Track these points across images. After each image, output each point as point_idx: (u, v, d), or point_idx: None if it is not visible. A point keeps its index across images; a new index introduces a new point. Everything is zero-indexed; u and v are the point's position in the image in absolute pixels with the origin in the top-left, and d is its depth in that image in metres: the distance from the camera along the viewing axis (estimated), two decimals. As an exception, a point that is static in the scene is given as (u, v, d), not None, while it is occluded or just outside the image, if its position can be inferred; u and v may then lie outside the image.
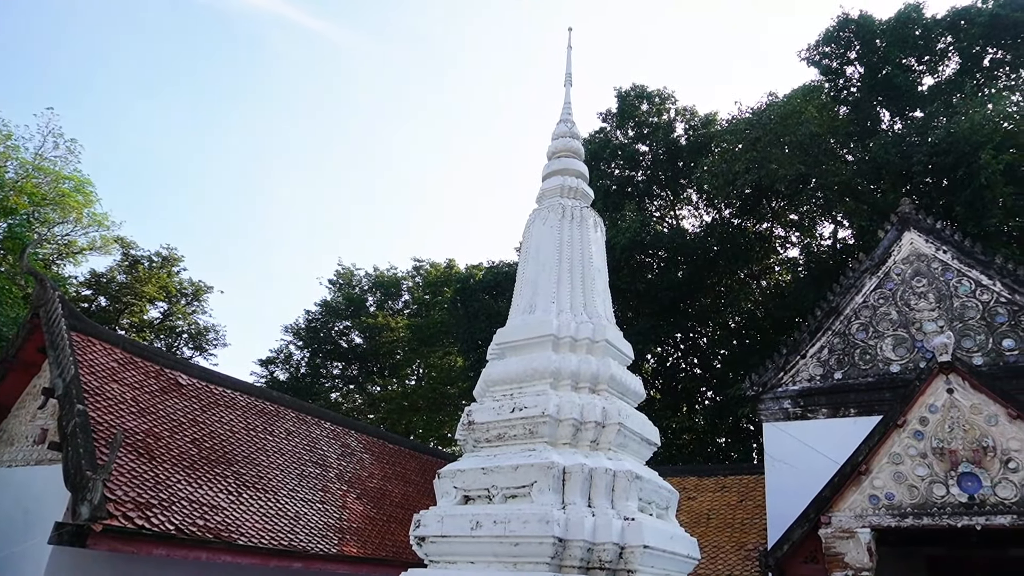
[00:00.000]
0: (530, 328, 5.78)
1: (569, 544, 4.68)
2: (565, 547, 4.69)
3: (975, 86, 23.46)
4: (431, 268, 38.25)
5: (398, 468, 16.77)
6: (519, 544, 4.69)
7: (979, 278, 13.39)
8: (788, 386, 14.41)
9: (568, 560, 4.71)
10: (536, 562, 4.67)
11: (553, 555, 4.62)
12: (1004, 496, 9.60)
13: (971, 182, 19.25)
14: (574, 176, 6.66)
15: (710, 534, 15.46)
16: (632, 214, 26.33)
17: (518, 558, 4.73)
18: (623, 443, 5.44)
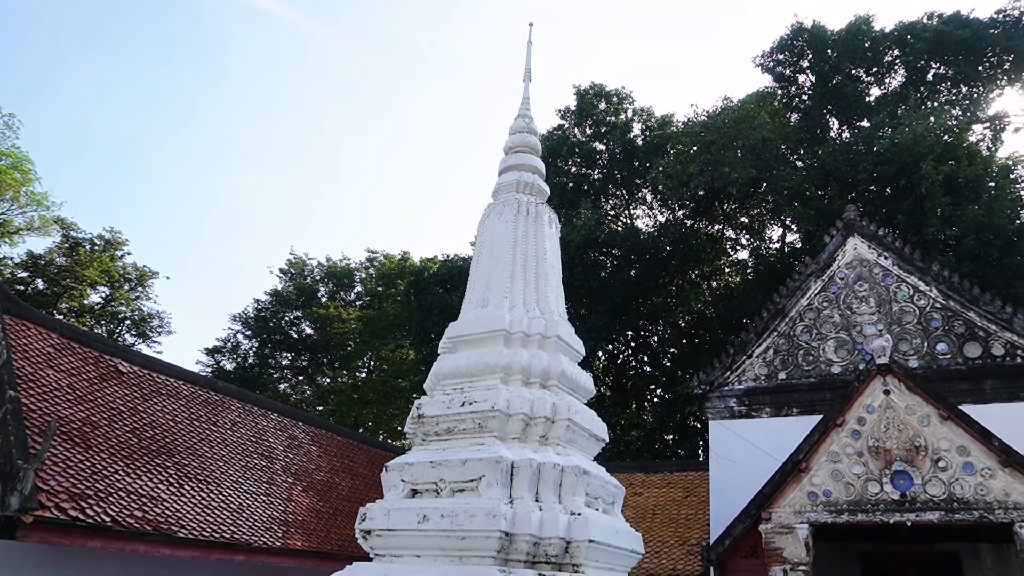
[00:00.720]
0: (482, 323, 5.77)
1: (515, 538, 4.70)
2: (512, 541, 4.70)
3: (919, 99, 24.30)
4: (385, 260, 37.88)
5: (346, 461, 16.59)
6: (465, 538, 4.69)
7: (917, 284, 13.90)
8: (734, 385, 14.74)
9: (514, 554, 4.73)
10: (482, 556, 4.67)
11: (499, 549, 4.63)
12: (933, 494, 10.00)
13: (912, 191, 19.96)
14: (530, 172, 6.67)
15: (655, 529, 15.72)
16: (588, 212, 26.52)
17: (464, 552, 4.73)
18: (572, 439, 5.48)
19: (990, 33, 23.88)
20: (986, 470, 9.85)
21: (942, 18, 24.76)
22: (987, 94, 24.88)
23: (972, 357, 13.15)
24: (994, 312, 13.21)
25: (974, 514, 9.74)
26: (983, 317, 13.26)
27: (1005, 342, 13.01)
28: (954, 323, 13.47)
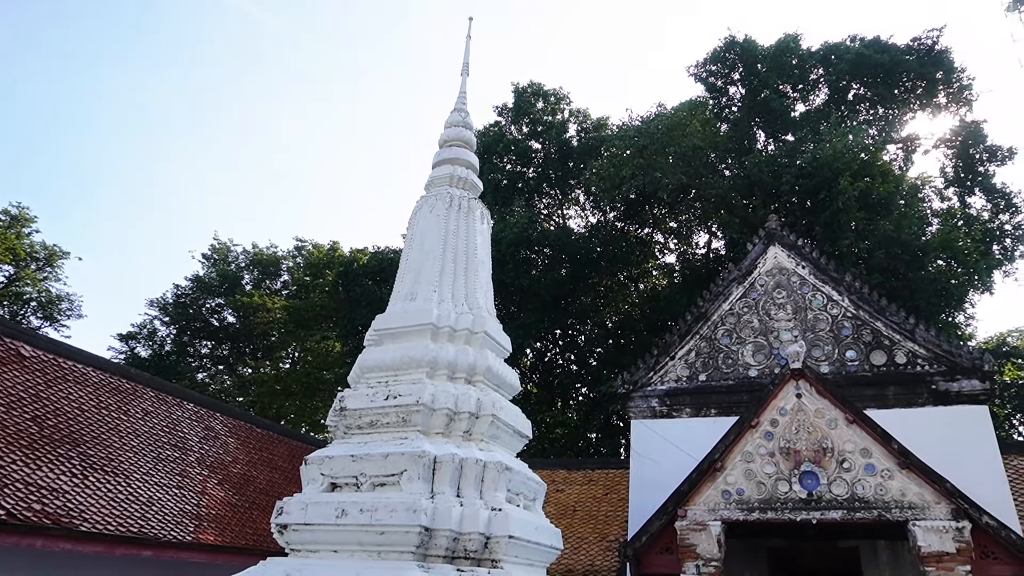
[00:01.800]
0: (410, 316, 5.71)
1: (435, 534, 4.68)
2: (431, 536, 4.68)
3: (840, 117, 25.45)
4: (314, 249, 37.08)
5: (265, 454, 16.17)
6: (385, 533, 4.64)
7: (831, 293, 14.56)
8: (657, 386, 15.09)
9: (434, 550, 4.71)
10: (401, 551, 4.64)
11: (419, 544, 4.61)
12: (837, 493, 10.51)
13: (830, 205, 20.89)
14: (464, 166, 6.63)
15: (575, 525, 15.96)
16: (521, 210, 26.67)
17: (383, 547, 4.68)
18: (496, 434, 5.49)
19: (906, 59, 25.23)
20: (886, 471, 10.42)
21: (864, 41, 26.03)
22: (901, 116, 26.28)
23: (878, 364, 13.88)
24: (899, 323, 13.97)
25: (873, 513, 10.29)
26: (889, 327, 14.00)
27: (908, 351, 13.78)
28: (863, 332, 14.18)
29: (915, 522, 10.06)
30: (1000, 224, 24.22)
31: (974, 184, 24.73)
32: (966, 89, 25.59)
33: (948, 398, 13.28)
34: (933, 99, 25.84)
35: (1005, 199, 24.14)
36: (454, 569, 4.66)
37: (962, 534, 9.84)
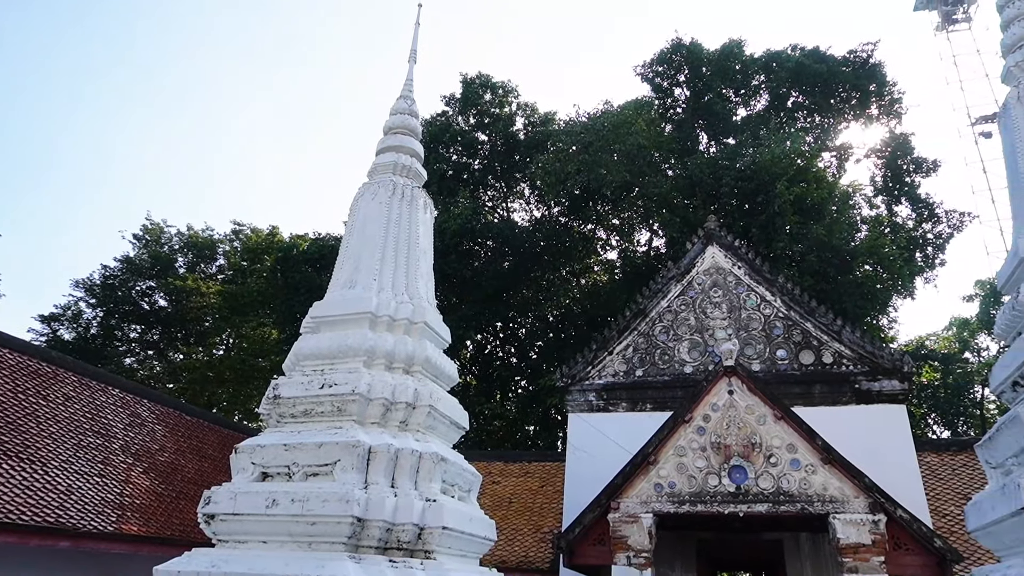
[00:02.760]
0: (348, 304, 5.63)
1: (368, 524, 4.64)
2: (364, 527, 4.64)
3: (779, 123, 26.21)
4: (252, 234, 36.11)
5: (194, 442, 15.72)
6: (316, 523, 4.58)
7: (764, 294, 15.00)
8: (594, 380, 15.29)
9: (366, 540, 4.67)
10: (332, 542, 4.58)
11: (351, 535, 4.56)
12: (764, 487, 10.86)
13: (767, 208, 21.51)
14: (408, 155, 6.56)
15: (511, 517, 16.05)
16: (465, 201, 26.59)
17: (314, 538, 4.61)
18: (432, 425, 5.47)
19: (842, 70, 26.15)
20: (809, 466, 10.81)
21: (804, 51, 26.83)
22: (836, 125, 27.24)
23: (806, 363, 14.39)
24: (827, 324, 14.51)
25: (797, 506, 10.67)
26: (818, 328, 14.52)
27: (834, 351, 14.32)
28: (793, 332, 14.67)
29: (835, 515, 10.48)
30: (923, 233, 25.40)
31: (901, 193, 25.85)
32: (896, 102, 26.71)
33: (870, 397, 13.88)
34: (866, 110, 26.89)
35: (929, 209, 25.31)
36: (386, 560, 4.63)
37: (878, 527, 10.30)
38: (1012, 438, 4.24)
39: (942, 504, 13.91)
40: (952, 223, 25.07)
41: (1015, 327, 4.68)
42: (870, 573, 10.13)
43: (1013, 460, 4.32)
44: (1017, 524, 3.88)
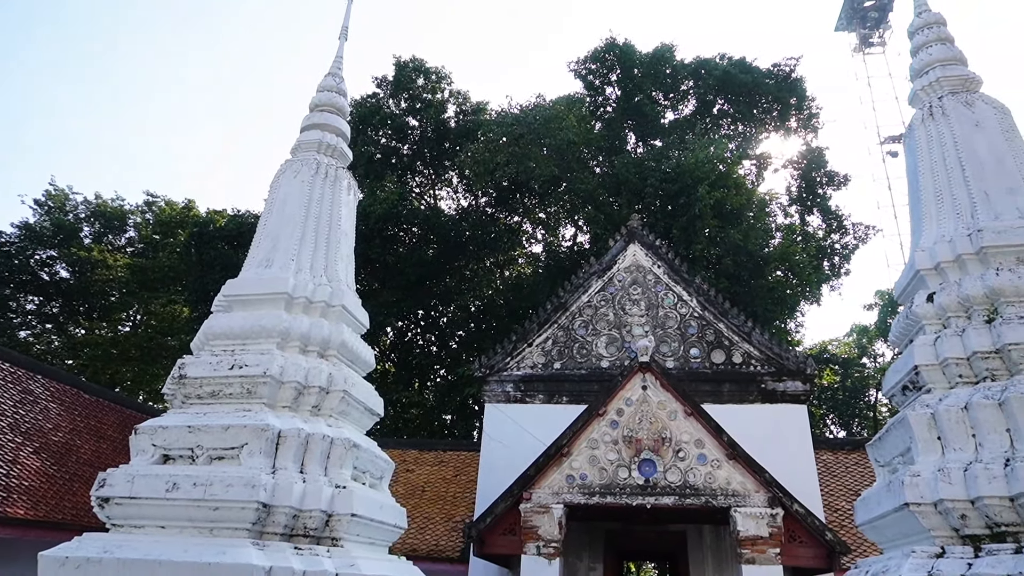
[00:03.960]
0: (264, 283, 5.46)
1: (274, 510, 4.53)
2: (270, 513, 4.53)
3: (704, 128, 26.97)
4: (166, 206, 34.51)
5: (92, 421, 14.94)
6: (219, 509, 4.43)
7: (681, 294, 15.43)
8: (513, 371, 15.39)
9: (271, 527, 4.56)
10: (235, 528, 4.45)
11: (255, 521, 4.44)
12: (671, 480, 11.20)
13: (688, 210, 22.11)
14: (334, 134, 6.40)
15: (423, 506, 16.00)
16: (392, 186, 26.22)
17: (216, 523, 4.46)
18: (345, 411, 5.38)
19: (766, 82, 27.12)
20: (715, 461, 11.22)
21: (731, 60, 27.68)
22: (757, 135, 28.26)
23: (717, 363, 14.91)
24: (739, 325, 15.07)
25: (702, 499, 11.06)
26: (730, 329, 15.06)
27: (744, 352, 14.89)
28: (706, 331, 15.17)
29: (736, 508, 10.92)
30: (832, 243, 26.71)
31: (813, 204, 27.08)
32: (814, 117, 27.94)
33: (774, 396, 14.52)
34: (786, 122, 28.01)
35: (838, 221, 26.63)
36: (291, 547, 4.53)
37: (775, 520, 10.80)
38: (899, 439, 4.51)
39: (835, 499, 14.71)
40: (858, 235, 26.49)
41: (908, 335, 4.97)
42: (766, 564, 10.61)
43: (899, 459, 4.59)
44: (899, 519, 4.13)
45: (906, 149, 5.72)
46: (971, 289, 4.44)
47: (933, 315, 4.64)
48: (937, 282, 4.75)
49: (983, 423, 3.92)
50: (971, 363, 4.27)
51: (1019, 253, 4.45)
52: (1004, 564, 3.38)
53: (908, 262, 5.11)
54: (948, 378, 4.38)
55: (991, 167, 4.90)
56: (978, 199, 4.81)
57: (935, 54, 5.54)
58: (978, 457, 3.86)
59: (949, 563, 3.63)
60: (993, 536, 3.69)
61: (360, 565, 4.57)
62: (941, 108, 5.28)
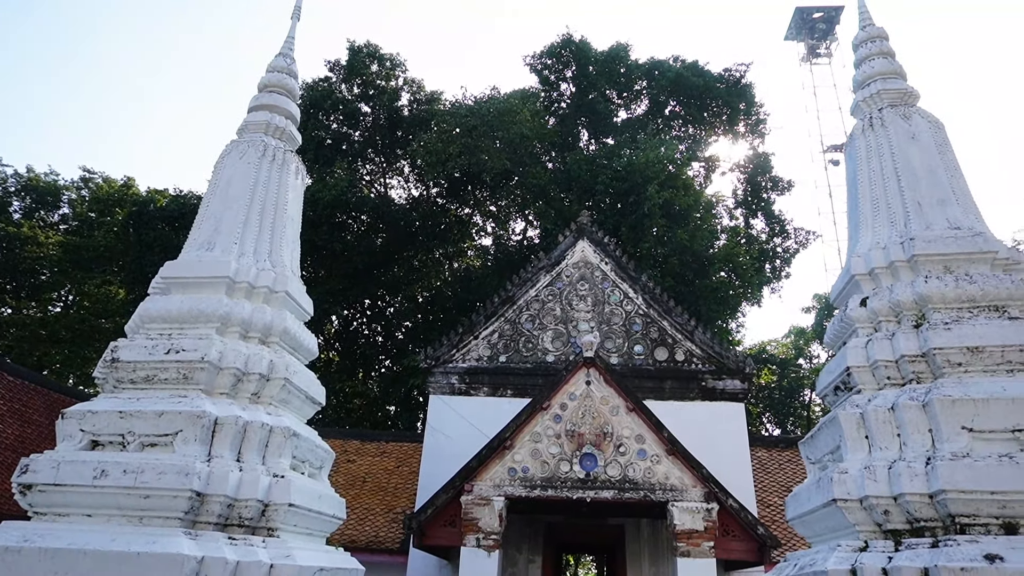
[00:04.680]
0: (205, 266, 5.31)
1: (208, 499, 4.42)
2: (204, 502, 4.43)
3: (656, 128, 27.34)
4: (103, 183, 33.21)
5: (17, 405, 14.32)
6: (150, 497, 4.31)
7: (627, 291, 15.64)
8: (458, 363, 15.36)
9: (205, 516, 4.46)
10: (167, 516, 4.33)
11: (188, 510, 4.33)
12: (612, 475, 11.37)
13: (637, 209, 22.41)
14: (283, 116, 6.26)
15: (363, 496, 15.86)
16: (342, 172, 25.79)
17: (147, 512, 4.34)
18: (286, 399, 5.28)
19: (717, 86, 27.65)
20: (655, 456, 11.43)
21: (684, 63, 28.10)
22: (707, 137, 28.80)
23: (660, 360, 15.17)
24: (682, 324, 15.36)
25: (640, 493, 11.25)
26: (673, 327, 15.34)
27: (686, 350, 15.19)
28: (651, 329, 15.42)
29: (674, 503, 11.15)
30: (774, 246, 27.44)
31: (758, 208, 27.76)
32: (761, 123, 28.63)
33: (714, 394, 14.87)
34: (734, 127, 28.62)
35: (780, 225, 27.38)
36: (226, 537, 4.44)
37: (710, 514, 11.07)
38: (830, 437, 4.67)
39: (768, 495, 15.17)
40: (799, 240, 27.28)
41: (841, 337, 5.15)
42: (700, 557, 10.87)
43: (829, 457, 4.76)
44: (827, 514, 4.28)
45: (846, 157, 5.91)
46: (902, 295, 4.61)
47: (866, 319, 4.81)
48: (871, 287, 4.92)
49: (907, 423, 4.08)
50: (899, 366, 4.44)
51: (947, 262, 4.65)
52: (921, 557, 3.54)
53: (844, 267, 5.29)
54: (877, 380, 4.55)
55: (924, 179, 5.10)
56: (911, 209, 5.00)
57: (877, 67, 5.73)
58: (902, 456, 4.02)
59: (871, 556, 3.78)
60: (912, 531, 3.85)
61: (296, 556, 4.50)
62: (880, 120, 5.47)
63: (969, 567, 3.31)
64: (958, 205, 4.97)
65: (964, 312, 4.45)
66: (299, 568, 4.41)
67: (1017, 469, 3.62)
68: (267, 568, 4.32)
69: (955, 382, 4.16)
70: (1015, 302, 4.44)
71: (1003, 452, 3.77)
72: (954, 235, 4.72)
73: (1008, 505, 3.59)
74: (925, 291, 4.51)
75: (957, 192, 5.06)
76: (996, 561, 3.31)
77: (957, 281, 4.52)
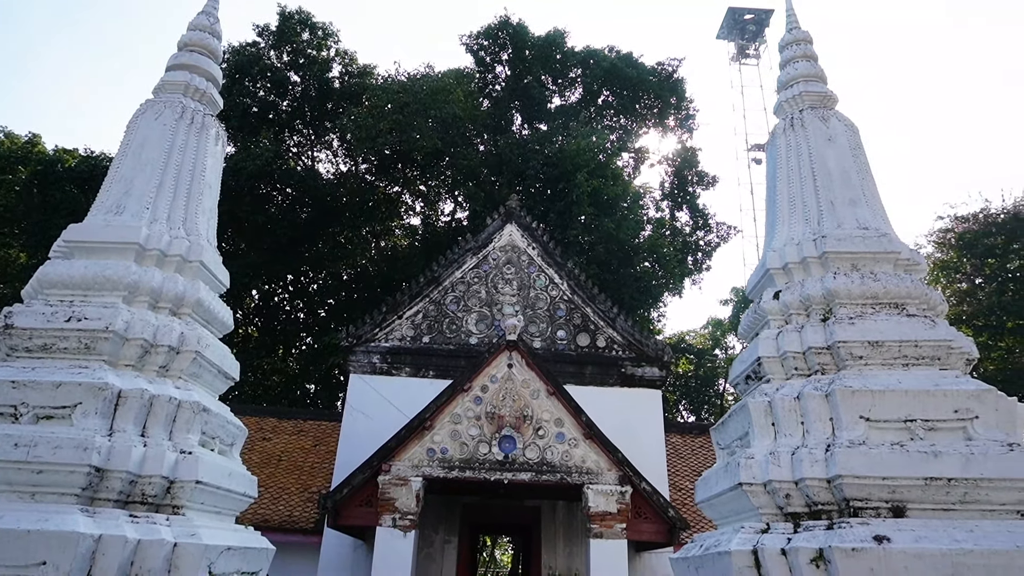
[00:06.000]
0: (113, 231, 5.03)
1: (108, 475, 4.22)
2: (104, 478, 4.22)
3: (588, 117, 27.59)
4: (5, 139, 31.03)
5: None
6: (43, 472, 4.07)
7: (553, 276, 15.79)
8: (381, 342, 15.20)
9: (104, 492, 4.25)
10: (62, 492, 4.11)
11: (86, 486, 4.12)
12: (530, 457, 11.51)
13: (566, 196, 22.61)
14: (204, 77, 5.97)
15: (278, 475, 15.55)
16: (268, 143, 24.97)
17: (40, 488, 4.10)
18: (197, 373, 5.08)
19: (649, 79, 28.09)
20: (573, 440, 11.63)
21: (619, 54, 28.42)
22: (637, 129, 29.28)
23: (582, 345, 15.42)
24: (605, 311, 15.63)
25: (557, 476, 11.45)
26: (596, 314, 15.60)
27: (608, 337, 15.48)
28: (574, 315, 15.63)
29: (589, 485, 11.40)
30: (697, 239, 28.23)
31: (683, 201, 28.47)
32: (691, 118, 29.30)
33: (633, 381, 15.23)
34: (664, 120, 29.18)
35: (704, 219, 28.17)
36: (126, 515, 4.25)
37: (624, 497, 11.37)
38: (739, 424, 4.85)
39: (680, 479, 15.69)
40: (720, 234, 28.15)
41: (755, 328, 5.34)
42: (612, 538, 11.17)
43: (738, 443, 4.94)
44: (733, 497, 4.45)
45: (767, 156, 6.11)
46: (812, 290, 4.81)
47: (778, 311, 5.00)
48: (784, 281, 5.11)
49: (811, 412, 4.28)
50: (806, 357, 4.64)
51: (854, 260, 4.88)
52: (817, 539, 3.73)
53: (760, 261, 5.47)
54: (786, 370, 4.74)
55: (838, 179, 5.32)
56: (825, 208, 5.21)
57: (800, 69, 5.92)
58: (804, 443, 4.21)
59: (772, 538, 3.95)
60: (811, 514, 4.05)
61: (202, 534, 4.35)
62: (801, 121, 5.66)
63: (859, 547, 3.50)
64: (867, 206, 5.21)
65: (867, 308, 4.68)
66: (204, 547, 4.26)
67: (907, 456, 3.85)
68: (170, 547, 4.16)
69: (856, 374, 4.38)
70: (913, 300, 4.70)
71: (895, 440, 4.00)
72: (862, 235, 4.95)
73: (897, 490, 3.82)
74: (833, 287, 4.72)
75: (867, 194, 5.30)
76: (884, 542, 3.52)
77: (863, 279, 4.75)
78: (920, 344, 4.43)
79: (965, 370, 4.56)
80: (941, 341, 4.44)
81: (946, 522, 3.73)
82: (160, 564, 4.07)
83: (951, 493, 3.79)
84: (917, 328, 4.49)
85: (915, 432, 4.06)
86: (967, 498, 3.78)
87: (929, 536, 3.58)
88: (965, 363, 4.57)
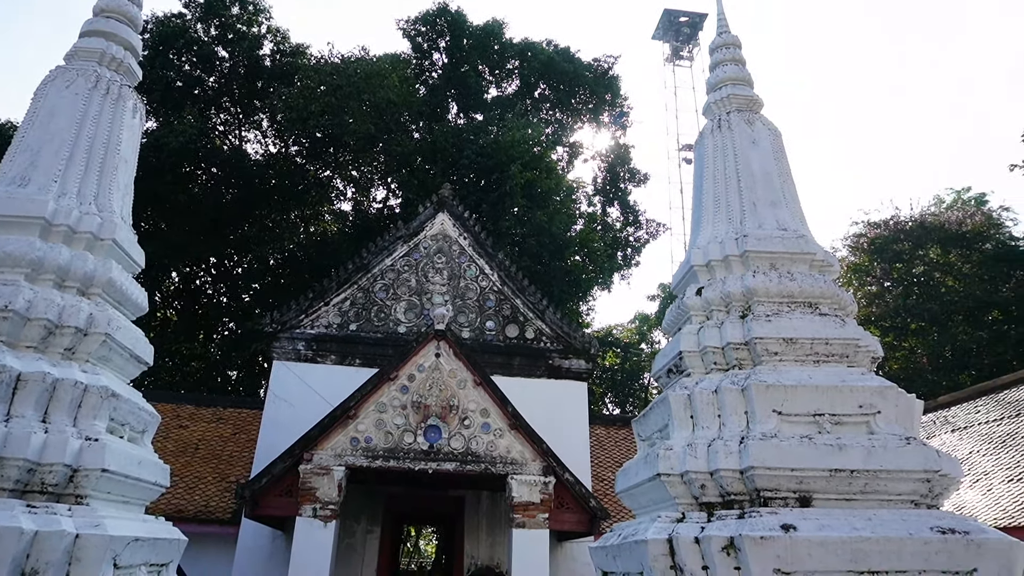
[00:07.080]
0: (16, 203, 4.73)
1: (4, 463, 3.98)
2: None
3: (524, 109, 27.65)
4: (-101, 101, 28.84)
5: None
6: (-71, 459, 3.81)
7: (484, 267, 15.79)
8: (306, 329, 14.88)
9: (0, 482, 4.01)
10: (-51, 482, 3.85)
11: (-22, 474, 3.88)
12: (455, 447, 11.50)
13: (500, 187, 22.63)
14: (122, 46, 5.67)
15: (195, 464, 15.06)
16: (192, 119, 23.98)
17: (-77, 476, 3.84)
18: (107, 356, 4.85)
19: (585, 75, 28.38)
20: (498, 430, 11.68)
21: (557, 48, 28.58)
22: (572, 124, 29.55)
23: (511, 336, 15.48)
24: (535, 303, 15.74)
25: (482, 466, 11.48)
26: (526, 305, 15.69)
27: (536, 329, 15.60)
28: (504, 306, 15.68)
29: (513, 476, 11.47)
30: (627, 235, 28.75)
31: (615, 197, 28.93)
32: (625, 115, 29.80)
33: (560, 373, 15.40)
34: (599, 116, 29.56)
35: (634, 215, 28.71)
36: (23, 505, 4.02)
37: (547, 487, 11.50)
38: (660, 416, 4.96)
39: (603, 470, 15.99)
40: (650, 231, 28.76)
41: (678, 323, 5.47)
42: (535, 528, 11.29)
43: (658, 434, 5.06)
44: (652, 488, 4.55)
45: (695, 155, 6.25)
46: (732, 287, 4.96)
47: (700, 307, 5.14)
48: (706, 278, 5.25)
49: (727, 405, 4.41)
50: (725, 352, 4.78)
51: (773, 259, 5.05)
52: (728, 528, 3.85)
53: (685, 258, 5.60)
54: (705, 364, 4.87)
55: (761, 181, 5.49)
56: (747, 208, 5.37)
57: (728, 72, 6.08)
58: (720, 435, 4.35)
59: (686, 527, 4.06)
60: (724, 504, 4.18)
61: (107, 525, 4.16)
62: (728, 123, 5.82)
63: (768, 536, 3.64)
64: (787, 208, 5.40)
65: (784, 306, 4.86)
66: (109, 538, 4.08)
67: (814, 449, 4.02)
68: (72, 538, 3.96)
69: (771, 369, 4.54)
70: (825, 300, 4.91)
71: (804, 433, 4.17)
72: (781, 236, 5.13)
73: (804, 480, 3.98)
74: (752, 285, 4.87)
75: (787, 196, 5.49)
76: (790, 531, 3.67)
77: (780, 278, 4.92)
78: (831, 342, 4.63)
79: (871, 368, 4.79)
80: (850, 340, 4.65)
81: (848, 511, 3.91)
82: (60, 556, 3.87)
83: (853, 484, 3.98)
84: (829, 327, 4.69)
85: (823, 426, 4.25)
86: (868, 488, 3.98)
87: (832, 525, 3.75)
88: (871, 361, 4.80)
